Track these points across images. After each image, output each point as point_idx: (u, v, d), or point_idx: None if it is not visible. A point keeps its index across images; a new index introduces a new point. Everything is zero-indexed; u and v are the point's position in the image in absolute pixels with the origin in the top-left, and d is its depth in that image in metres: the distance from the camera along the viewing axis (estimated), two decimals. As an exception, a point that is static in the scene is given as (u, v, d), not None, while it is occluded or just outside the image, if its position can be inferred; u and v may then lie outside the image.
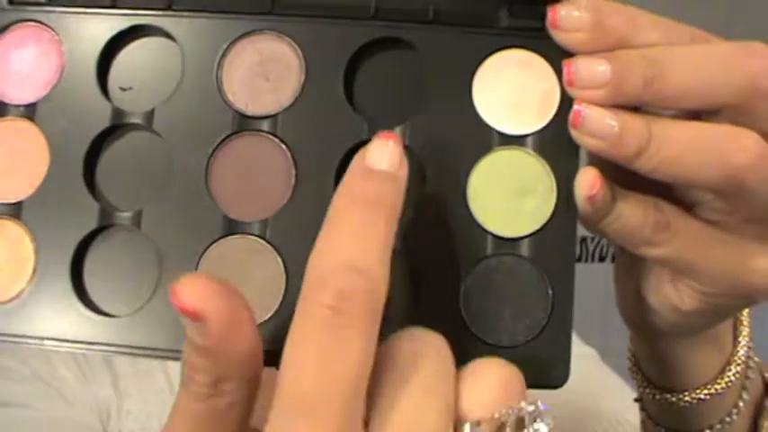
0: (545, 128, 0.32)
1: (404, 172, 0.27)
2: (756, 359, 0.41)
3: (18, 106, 0.33)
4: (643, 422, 0.44)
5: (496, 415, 0.25)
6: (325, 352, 0.23)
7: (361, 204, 0.26)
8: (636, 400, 0.44)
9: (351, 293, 0.24)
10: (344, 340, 0.23)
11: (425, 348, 0.26)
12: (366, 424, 0.24)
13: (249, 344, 0.25)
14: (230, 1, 0.33)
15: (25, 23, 0.34)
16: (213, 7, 0.33)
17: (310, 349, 0.24)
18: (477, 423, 0.25)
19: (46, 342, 0.32)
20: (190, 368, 0.25)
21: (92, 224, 0.32)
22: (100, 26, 0.34)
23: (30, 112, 0.33)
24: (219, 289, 0.24)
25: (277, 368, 0.29)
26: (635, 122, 0.30)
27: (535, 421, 0.25)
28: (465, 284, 0.31)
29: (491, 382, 0.26)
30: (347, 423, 0.23)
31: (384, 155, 0.27)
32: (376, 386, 0.25)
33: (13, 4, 0.34)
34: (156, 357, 0.31)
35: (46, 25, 0.34)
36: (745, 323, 0.40)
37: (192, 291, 0.24)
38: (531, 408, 0.25)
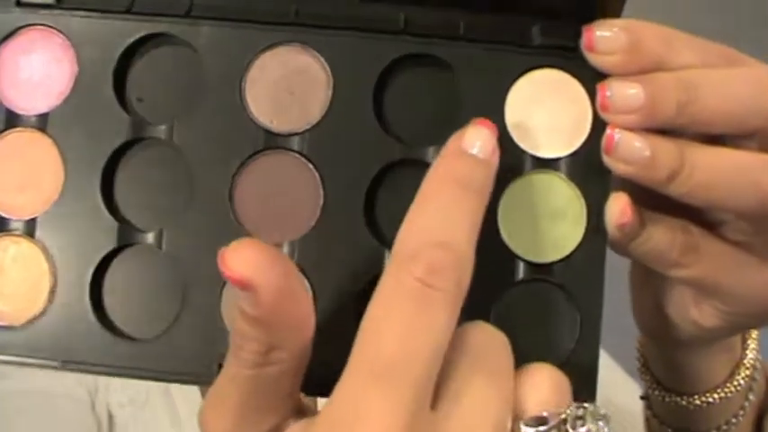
0: (577, 151, 0.32)
1: (496, 160, 0.28)
2: (760, 359, 0.42)
3: (29, 116, 0.32)
4: (647, 420, 0.45)
5: (551, 412, 0.26)
6: (411, 321, 0.24)
7: (453, 184, 0.26)
8: (642, 397, 0.45)
9: (441, 269, 0.24)
10: (430, 313, 0.24)
11: (494, 341, 0.27)
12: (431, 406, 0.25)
13: (301, 314, 0.25)
14: (252, 10, 0.32)
15: (34, 27, 0.32)
16: (234, 15, 0.32)
17: (396, 317, 0.24)
18: (538, 420, 0.26)
19: (67, 365, 0.31)
20: (240, 336, 0.25)
21: (111, 243, 0.31)
22: (115, 32, 0.32)
23: (42, 122, 0.32)
24: (271, 256, 0.24)
25: (306, 392, 0.29)
26: (667, 148, 0.30)
27: (595, 419, 0.27)
28: (495, 309, 0.31)
29: (546, 384, 0.27)
30: (420, 394, 0.24)
31: (478, 140, 0.28)
32: (444, 370, 0.25)
33: (20, 6, 0.32)
34: (182, 382, 0.31)
35: (56, 29, 0.32)
36: None
37: (242, 258, 0.23)
38: (590, 406, 0.27)
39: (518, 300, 0.31)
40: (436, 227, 0.25)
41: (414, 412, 0.23)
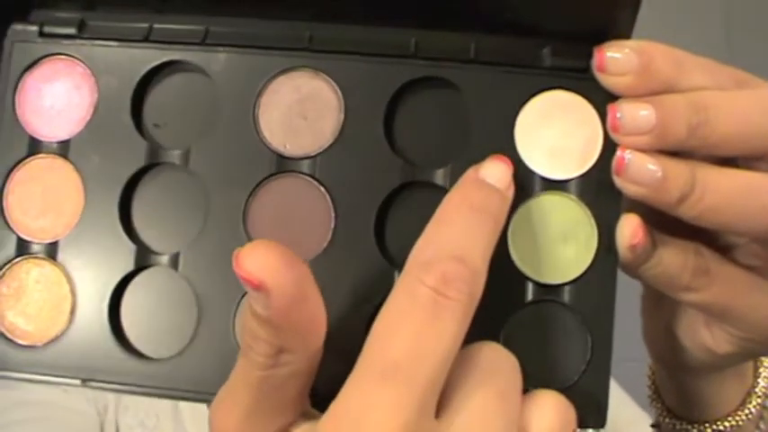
0: (587, 173, 0.32)
1: (510, 193, 0.29)
2: None
3: (51, 143, 0.33)
4: None
5: None
6: (422, 327, 0.24)
7: (470, 208, 0.27)
8: (653, 425, 0.44)
9: (454, 280, 0.25)
10: (441, 321, 0.25)
11: (505, 361, 0.27)
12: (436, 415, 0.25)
13: (313, 317, 0.25)
14: (266, 36, 0.33)
15: (56, 57, 0.33)
16: (248, 42, 0.33)
17: (408, 323, 0.24)
18: None
19: (87, 383, 0.32)
20: (250, 336, 0.25)
21: (128, 266, 0.32)
22: (133, 60, 0.33)
23: (63, 149, 0.33)
24: (285, 259, 0.24)
25: (317, 408, 0.29)
26: (678, 169, 0.30)
27: None
28: (505, 330, 0.31)
29: (552, 411, 0.27)
30: (426, 399, 0.24)
31: (496, 172, 0.29)
32: (452, 383, 0.26)
33: (43, 37, 0.33)
34: (197, 401, 0.32)
35: (78, 59, 0.33)
36: None
37: (256, 259, 0.24)
38: None
39: (528, 321, 0.31)
40: (452, 242, 0.26)
41: (417, 415, 0.24)
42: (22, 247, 0.33)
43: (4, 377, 0.32)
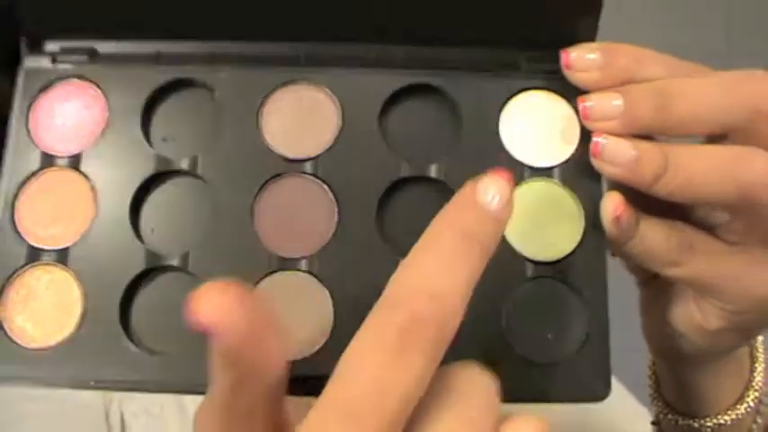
0: (568, 160, 0.34)
1: (507, 215, 0.27)
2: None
3: (63, 157, 0.34)
4: None
5: None
6: (383, 369, 0.24)
7: (457, 234, 0.26)
8: (653, 423, 0.45)
9: (424, 321, 0.24)
10: (405, 363, 0.24)
11: (477, 384, 0.26)
12: None
13: (269, 351, 0.25)
14: (267, 56, 0.36)
15: (69, 81, 0.35)
16: (251, 60, 0.35)
17: (370, 362, 0.24)
18: None
19: (99, 384, 0.32)
20: (213, 367, 0.25)
21: (139, 267, 0.33)
22: (142, 80, 0.35)
23: (74, 162, 0.34)
24: (238, 302, 0.23)
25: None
26: (651, 149, 0.32)
27: None
28: (506, 308, 0.33)
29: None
30: None
31: (493, 191, 0.27)
32: (424, 405, 0.25)
33: (56, 63, 0.36)
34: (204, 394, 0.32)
35: (89, 80, 0.35)
36: (760, 350, 0.42)
37: (208, 304, 0.23)
38: None
39: (527, 297, 0.33)
40: (430, 276, 0.25)
41: None
42: (33, 254, 0.33)
43: (15, 380, 0.32)
